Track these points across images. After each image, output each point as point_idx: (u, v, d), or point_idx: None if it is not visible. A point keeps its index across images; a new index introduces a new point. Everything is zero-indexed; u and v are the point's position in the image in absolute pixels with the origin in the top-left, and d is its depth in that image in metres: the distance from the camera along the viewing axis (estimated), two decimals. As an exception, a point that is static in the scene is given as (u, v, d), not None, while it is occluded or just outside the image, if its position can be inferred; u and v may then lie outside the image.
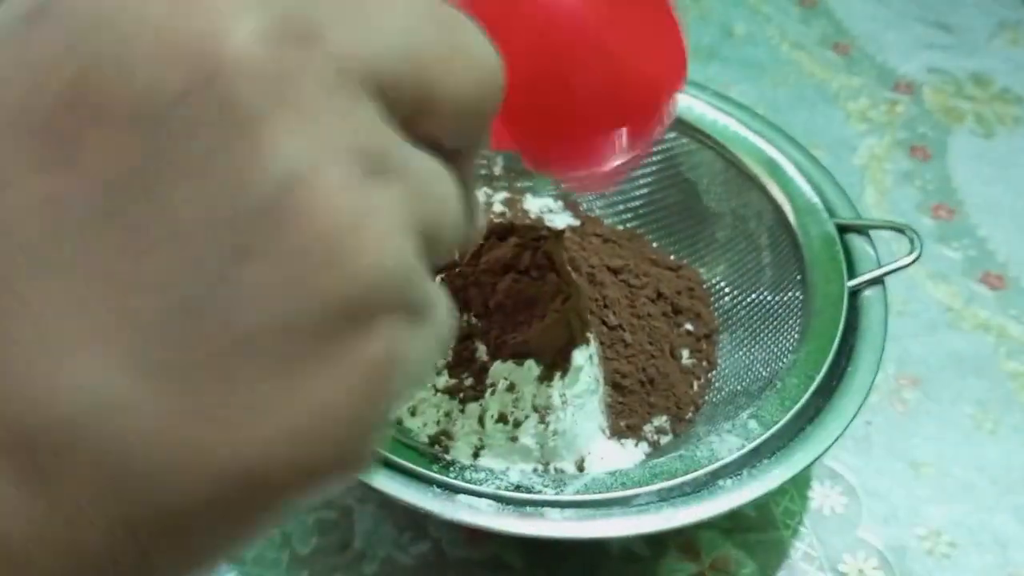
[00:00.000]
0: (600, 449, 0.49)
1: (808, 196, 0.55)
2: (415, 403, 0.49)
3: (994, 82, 0.81)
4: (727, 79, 0.79)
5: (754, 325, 0.55)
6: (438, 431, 0.48)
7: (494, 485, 0.44)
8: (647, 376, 0.51)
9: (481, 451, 0.47)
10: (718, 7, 0.86)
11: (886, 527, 0.53)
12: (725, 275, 0.57)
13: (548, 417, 0.47)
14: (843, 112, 0.78)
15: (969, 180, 0.73)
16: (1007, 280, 0.66)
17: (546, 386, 0.47)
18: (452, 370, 0.48)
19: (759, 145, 0.57)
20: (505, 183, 0.62)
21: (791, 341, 0.50)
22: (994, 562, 0.52)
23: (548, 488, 0.44)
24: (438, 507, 0.42)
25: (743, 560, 0.51)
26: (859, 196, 0.70)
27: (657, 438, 0.50)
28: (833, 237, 0.53)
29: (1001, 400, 0.60)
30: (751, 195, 0.56)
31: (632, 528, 0.42)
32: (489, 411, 0.47)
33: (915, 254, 0.52)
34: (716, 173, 0.58)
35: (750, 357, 0.53)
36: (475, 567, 0.50)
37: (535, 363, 0.47)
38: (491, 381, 0.47)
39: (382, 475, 0.42)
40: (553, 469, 0.48)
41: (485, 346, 0.47)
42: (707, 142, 0.58)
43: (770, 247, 0.55)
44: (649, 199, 0.61)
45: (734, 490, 0.43)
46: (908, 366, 0.61)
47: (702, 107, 0.59)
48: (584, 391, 0.48)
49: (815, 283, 0.51)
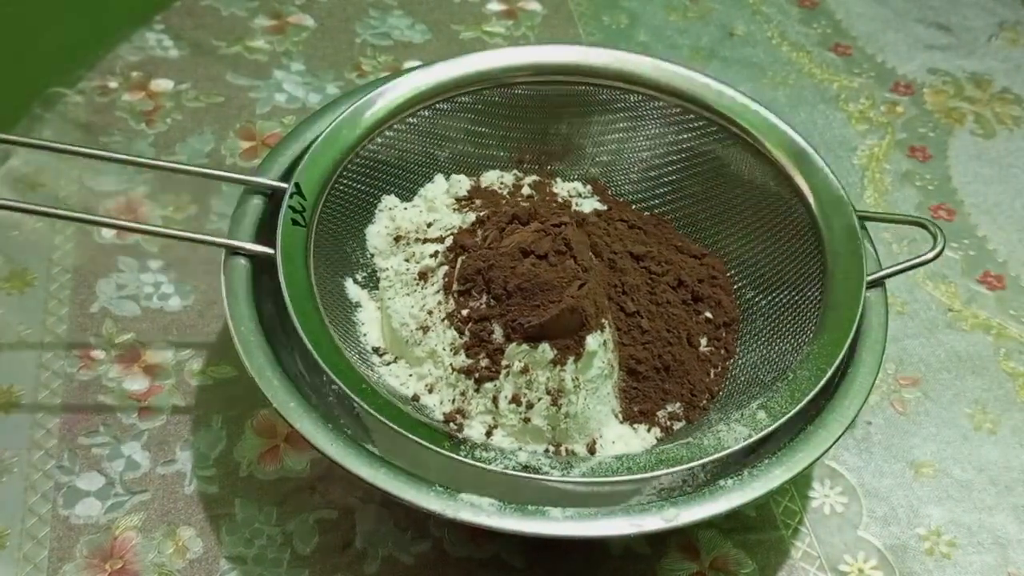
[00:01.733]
0: (612, 433, 0.49)
1: (834, 188, 0.55)
2: (432, 381, 0.49)
3: (994, 82, 0.81)
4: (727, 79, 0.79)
5: (774, 315, 0.54)
6: (453, 409, 0.48)
7: (503, 464, 0.44)
8: (662, 363, 0.51)
9: (494, 430, 0.48)
10: (718, 7, 0.87)
11: (886, 527, 0.53)
12: (749, 264, 0.57)
13: (560, 400, 0.47)
14: (843, 112, 0.78)
15: (969, 180, 0.73)
16: (1007, 280, 0.67)
17: (559, 370, 0.47)
18: (469, 350, 0.48)
19: (789, 135, 0.57)
20: (535, 167, 0.62)
21: (809, 333, 0.50)
22: (994, 562, 0.52)
23: (555, 470, 0.44)
24: (439, 506, 0.42)
25: (743, 560, 0.51)
26: (859, 196, 0.71)
27: (670, 424, 0.50)
28: (856, 230, 0.52)
29: (1000, 400, 0.60)
30: (778, 185, 0.56)
31: (632, 528, 0.42)
32: (503, 392, 0.48)
33: (937, 249, 0.51)
34: (744, 161, 0.58)
35: (768, 347, 0.53)
36: (476, 566, 0.50)
37: (549, 347, 0.47)
38: (506, 363, 0.48)
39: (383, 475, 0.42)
40: (564, 451, 0.48)
41: (501, 328, 0.48)
42: (736, 130, 0.58)
43: (794, 238, 0.55)
44: (677, 186, 0.61)
45: (734, 490, 0.43)
46: (908, 366, 0.61)
47: (732, 93, 0.59)
48: (597, 376, 0.48)
49: (835, 276, 0.51)
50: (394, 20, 0.81)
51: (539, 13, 0.84)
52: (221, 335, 0.59)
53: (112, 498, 0.51)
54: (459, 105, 0.60)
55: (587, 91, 0.61)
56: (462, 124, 0.60)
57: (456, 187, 0.58)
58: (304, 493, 0.52)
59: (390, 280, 0.54)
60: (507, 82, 0.60)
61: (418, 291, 0.52)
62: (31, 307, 0.59)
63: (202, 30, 0.78)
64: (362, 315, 0.54)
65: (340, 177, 0.55)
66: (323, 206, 0.53)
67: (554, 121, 0.61)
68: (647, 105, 0.60)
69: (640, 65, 0.60)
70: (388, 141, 0.58)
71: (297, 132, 0.57)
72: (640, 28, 0.83)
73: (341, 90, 0.74)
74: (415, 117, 0.58)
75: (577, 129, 0.62)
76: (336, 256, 0.54)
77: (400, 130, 0.58)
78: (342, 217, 0.55)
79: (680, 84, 0.60)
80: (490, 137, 0.61)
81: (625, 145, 0.62)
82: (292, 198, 0.51)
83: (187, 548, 0.50)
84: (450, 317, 0.49)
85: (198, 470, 0.53)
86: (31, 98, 0.72)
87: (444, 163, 0.60)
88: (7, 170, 0.66)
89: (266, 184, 0.53)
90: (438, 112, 0.59)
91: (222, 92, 0.74)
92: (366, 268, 0.56)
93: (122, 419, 0.55)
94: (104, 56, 0.75)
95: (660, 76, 0.60)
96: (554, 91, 0.61)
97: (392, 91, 0.58)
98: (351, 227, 0.56)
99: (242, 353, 0.46)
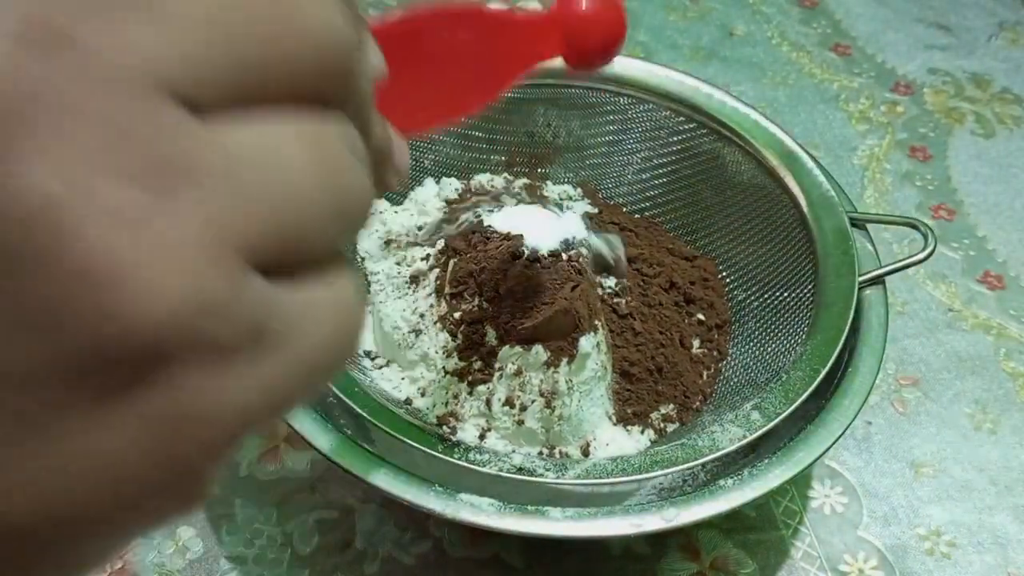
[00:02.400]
0: (605, 435, 0.49)
1: (824, 189, 0.55)
2: (425, 384, 0.49)
3: (994, 82, 0.81)
4: (727, 79, 0.79)
5: (766, 316, 0.55)
6: (446, 412, 0.48)
7: (497, 467, 0.44)
8: (655, 364, 0.51)
9: (487, 433, 0.48)
10: (718, 7, 0.87)
11: (886, 527, 0.53)
12: (741, 266, 0.58)
13: (554, 402, 0.47)
14: (843, 112, 0.78)
15: (969, 180, 0.73)
16: (1007, 280, 0.66)
17: (553, 372, 0.47)
18: (461, 353, 0.48)
19: (779, 136, 0.57)
20: (525, 170, 0.62)
21: (801, 334, 0.51)
22: (994, 562, 0.52)
23: (550, 472, 0.44)
24: (439, 506, 0.42)
25: (743, 560, 0.51)
26: (859, 196, 0.71)
27: (663, 426, 0.50)
28: (847, 231, 0.53)
29: (1001, 400, 0.60)
30: (769, 187, 0.57)
31: (632, 528, 0.42)
32: (496, 394, 0.48)
33: (929, 249, 0.51)
34: (735, 163, 0.58)
35: (761, 348, 0.53)
36: (476, 566, 0.50)
37: (542, 349, 0.47)
38: (499, 365, 0.48)
39: (383, 474, 0.42)
40: (558, 453, 0.48)
41: (494, 330, 0.48)
42: (727, 132, 0.58)
43: (785, 239, 0.55)
44: (668, 188, 0.61)
45: (734, 490, 0.43)
46: (908, 366, 0.61)
47: (722, 96, 0.59)
48: (590, 378, 0.48)
49: (827, 277, 0.51)
50: (394, 20, 0.81)
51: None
52: (221, 335, 0.59)
53: (112, 498, 0.51)
54: (448, 108, 0.60)
55: (577, 94, 0.61)
56: (452, 127, 0.60)
57: (446, 190, 0.58)
58: (304, 493, 0.52)
59: (381, 284, 0.54)
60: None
61: (409, 294, 0.52)
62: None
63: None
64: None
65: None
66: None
67: (544, 124, 0.61)
68: (637, 108, 0.60)
69: (630, 68, 0.60)
70: (377, 145, 0.58)
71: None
72: (640, 28, 0.83)
73: (341, 90, 0.74)
74: (403, 121, 0.58)
75: (567, 132, 0.62)
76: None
77: (389, 133, 0.58)
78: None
79: (670, 87, 0.60)
80: (480, 140, 0.61)
81: (615, 148, 0.62)
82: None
83: (187, 548, 0.50)
84: (442, 320, 0.49)
85: (198, 470, 0.53)
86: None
87: (434, 166, 0.60)
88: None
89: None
90: (426, 115, 0.59)
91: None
92: (356, 272, 0.56)
93: (122, 419, 0.54)
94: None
95: (650, 79, 0.60)
96: (544, 94, 0.61)
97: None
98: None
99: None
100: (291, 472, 0.53)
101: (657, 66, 0.60)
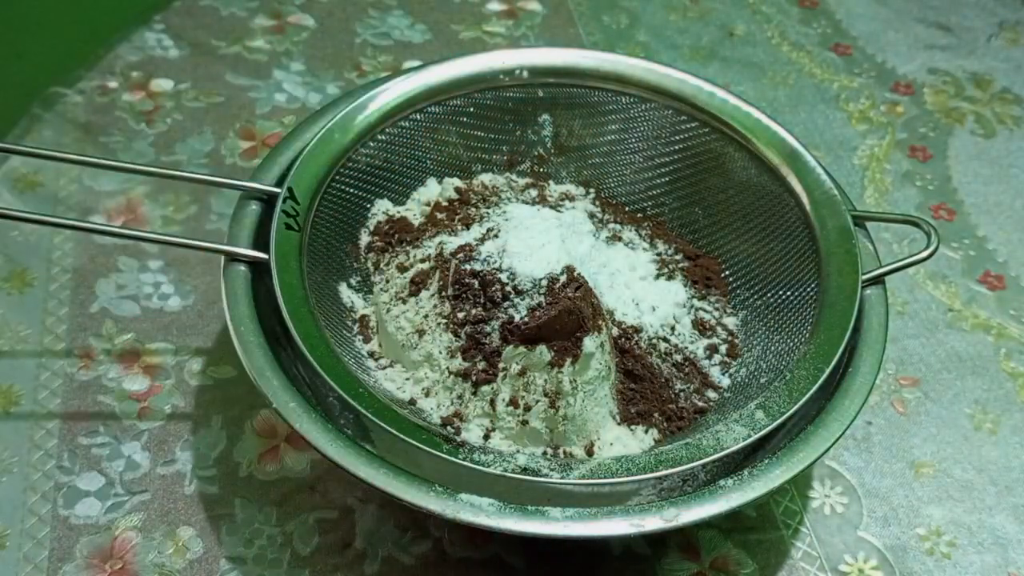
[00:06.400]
0: (610, 435, 0.49)
1: (827, 188, 0.55)
2: (429, 385, 0.49)
3: (994, 82, 0.81)
4: (727, 79, 0.79)
5: (770, 315, 0.55)
6: (450, 412, 0.48)
7: (501, 467, 0.44)
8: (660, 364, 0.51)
9: (492, 433, 0.48)
10: (718, 7, 0.87)
11: (886, 527, 0.53)
12: (744, 265, 0.58)
13: (558, 402, 0.47)
14: (843, 112, 0.78)
15: (969, 180, 0.73)
16: (1007, 280, 0.66)
17: (557, 371, 0.47)
18: (465, 353, 0.48)
19: (781, 135, 0.57)
20: (528, 169, 0.62)
21: (805, 333, 0.50)
22: (994, 562, 0.52)
23: (554, 472, 0.44)
24: (439, 506, 0.42)
25: (743, 560, 0.51)
26: (859, 196, 0.71)
27: (667, 425, 0.50)
28: (850, 229, 0.53)
29: (1001, 400, 0.60)
30: (771, 185, 0.56)
31: (632, 528, 0.42)
32: (500, 394, 0.48)
33: (931, 248, 0.51)
34: (737, 162, 0.58)
35: (765, 347, 0.53)
36: (476, 567, 0.50)
37: (546, 349, 0.47)
38: (503, 365, 0.47)
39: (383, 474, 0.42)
40: (562, 453, 0.48)
41: (498, 330, 0.48)
42: (729, 131, 0.58)
43: (788, 238, 0.55)
44: (671, 187, 0.61)
45: (734, 490, 0.43)
46: (908, 366, 0.61)
47: (724, 95, 0.59)
48: (594, 377, 0.48)
49: (830, 275, 0.51)
50: (394, 20, 0.81)
51: (539, 13, 0.83)
52: (221, 335, 0.59)
53: (112, 498, 0.51)
54: (451, 108, 0.59)
55: (579, 93, 0.61)
56: (454, 127, 0.60)
57: (448, 190, 0.58)
58: (304, 493, 0.52)
59: (384, 285, 0.54)
60: (499, 85, 0.60)
61: (413, 295, 0.52)
62: (31, 307, 0.59)
63: (202, 30, 0.78)
64: (357, 319, 0.54)
65: (333, 182, 0.55)
66: (316, 210, 0.53)
67: (546, 124, 0.61)
68: (639, 107, 0.60)
69: (632, 67, 0.60)
70: (380, 145, 0.58)
71: (296, 133, 0.57)
72: (640, 28, 0.83)
73: (341, 90, 0.74)
74: (407, 121, 0.58)
75: (570, 131, 0.62)
76: (330, 260, 0.54)
77: (392, 134, 0.58)
78: (336, 221, 0.55)
79: (672, 86, 0.60)
80: (482, 140, 0.61)
81: (618, 147, 0.62)
82: (285, 203, 0.51)
83: (187, 548, 0.50)
84: (446, 320, 0.49)
85: (198, 470, 0.53)
86: (31, 98, 0.72)
87: (437, 166, 0.60)
88: (7, 170, 0.66)
89: (261, 189, 0.53)
90: (430, 115, 0.59)
91: (222, 92, 0.74)
92: (360, 272, 0.56)
93: (122, 419, 0.54)
94: (104, 56, 0.75)
95: (652, 78, 0.60)
96: (546, 94, 0.61)
97: (384, 94, 0.58)
98: (345, 231, 0.56)
99: (242, 355, 0.46)
100: (291, 472, 0.53)
101: (659, 65, 0.60)
